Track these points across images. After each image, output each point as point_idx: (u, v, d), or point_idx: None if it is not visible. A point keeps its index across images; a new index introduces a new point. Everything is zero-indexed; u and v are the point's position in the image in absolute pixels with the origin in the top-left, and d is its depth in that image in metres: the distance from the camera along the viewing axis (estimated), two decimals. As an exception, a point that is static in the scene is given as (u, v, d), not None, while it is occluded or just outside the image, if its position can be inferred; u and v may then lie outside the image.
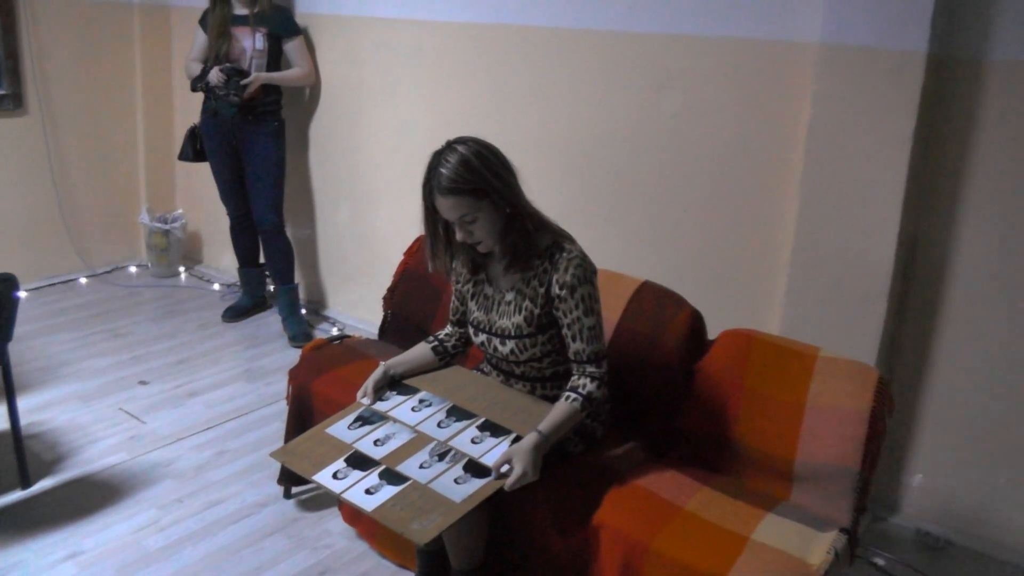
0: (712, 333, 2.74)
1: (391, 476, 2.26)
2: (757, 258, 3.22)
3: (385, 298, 3.33)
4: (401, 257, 3.35)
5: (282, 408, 3.29)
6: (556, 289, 2.35)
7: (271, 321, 4.68)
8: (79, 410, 3.64)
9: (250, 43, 4.24)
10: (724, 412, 2.53)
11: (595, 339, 2.37)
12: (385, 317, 3.34)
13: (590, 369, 2.37)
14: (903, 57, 2.70)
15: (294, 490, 3.10)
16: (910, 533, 3.06)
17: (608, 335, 2.68)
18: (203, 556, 2.76)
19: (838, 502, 2.33)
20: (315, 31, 4.47)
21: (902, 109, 2.73)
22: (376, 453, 2.36)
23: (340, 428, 2.49)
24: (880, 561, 2.91)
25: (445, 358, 2.69)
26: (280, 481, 3.07)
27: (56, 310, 4.69)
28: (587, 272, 2.36)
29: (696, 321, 2.71)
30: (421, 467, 2.28)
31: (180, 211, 5.40)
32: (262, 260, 4.71)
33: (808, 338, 2.69)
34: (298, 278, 4.69)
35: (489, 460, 2.27)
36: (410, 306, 3.26)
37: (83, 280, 5.17)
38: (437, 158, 2.30)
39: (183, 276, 5.34)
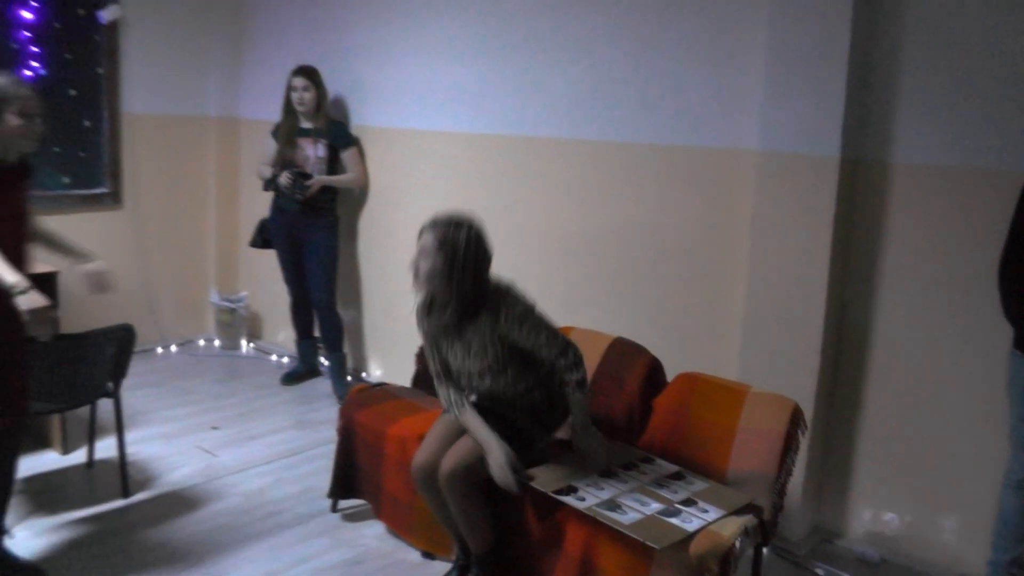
0: (678, 379, 3.45)
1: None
2: (717, 321, 3.92)
3: (417, 355, 4.07)
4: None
5: (329, 450, 4.00)
6: (507, 330, 2.98)
7: (322, 385, 5.45)
8: (162, 446, 4.41)
9: (312, 152, 5.11)
10: (674, 434, 3.22)
11: (553, 339, 3.00)
12: (417, 371, 4.07)
13: (563, 362, 2.99)
14: (821, 161, 3.45)
15: (340, 504, 3.80)
16: (851, 553, 3.65)
17: (589, 376, 3.40)
18: (264, 549, 3.48)
19: (759, 500, 2.99)
20: (366, 140, 5.34)
21: (823, 202, 3.46)
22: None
23: None
24: (821, 573, 3.51)
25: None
26: (329, 495, 3.77)
27: (138, 372, 5.42)
28: (523, 302, 3.01)
29: (655, 366, 3.44)
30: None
31: (244, 293, 6.24)
32: (316, 333, 5.50)
33: (759, 384, 3.37)
34: (345, 348, 5.46)
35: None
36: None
37: (159, 350, 5.99)
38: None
39: (245, 349, 6.14)
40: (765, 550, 3.17)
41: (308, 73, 5.07)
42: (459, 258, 2.95)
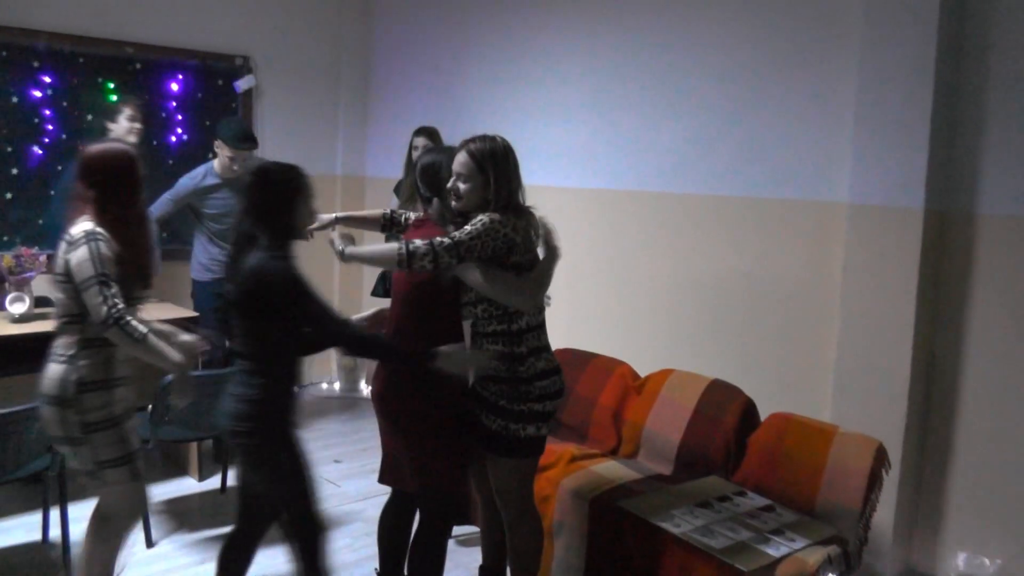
0: (773, 419, 3.65)
1: None
2: (810, 366, 4.09)
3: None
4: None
5: (442, 483, 4.31)
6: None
7: (435, 425, 5.77)
8: (291, 476, 4.79)
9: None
10: (767, 469, 3.41)
11: (460, 238, 2.79)
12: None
13: (438, 239, 2.79)
14: (906, 213, 3.63)
15: (455, 531, 4.07)
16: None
17: (686, 416, 3.64)
18: (383, 568, 3.78)
19: (844, 533, 3.15)
20: (480, 196, 5.70)
21: (908, 253, 3.64)
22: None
23: None
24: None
25: (388, 226, 3.38)
26: (442, 522, 4.06)
27: (269, 411, 5.94)
28: (492, 222, 2.84)
29: (750, 406, 3.64)
30: None
31: (365, 339, 6.64)
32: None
33: (851, 427, 3.55)
34: (458, 391, 5.77)
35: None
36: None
37: (287, 391, 6.42)
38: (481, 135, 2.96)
39: (366, 391, 6.53)
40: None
41: (429, 133, 5.47)
42: (496, 168, 2.92)
